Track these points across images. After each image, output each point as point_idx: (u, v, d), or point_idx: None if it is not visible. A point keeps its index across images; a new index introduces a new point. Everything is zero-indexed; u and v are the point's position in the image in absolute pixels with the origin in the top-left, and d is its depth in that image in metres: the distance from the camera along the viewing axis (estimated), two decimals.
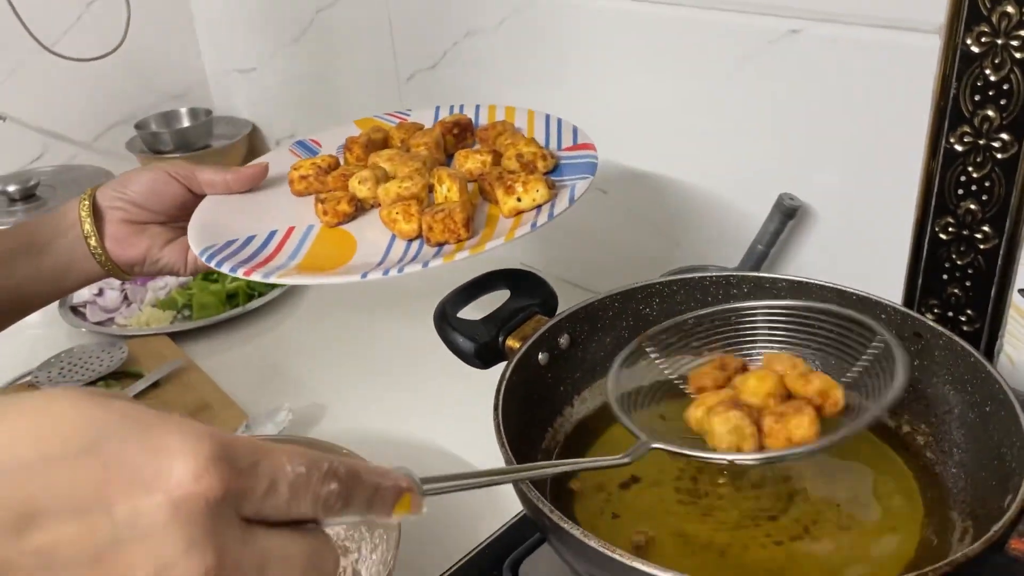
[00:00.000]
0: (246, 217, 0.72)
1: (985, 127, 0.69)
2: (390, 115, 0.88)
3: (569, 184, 0.68)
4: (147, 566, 0.28)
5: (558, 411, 0.65)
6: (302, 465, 0.31)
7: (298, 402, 0.90)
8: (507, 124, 0.81)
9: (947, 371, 0.59)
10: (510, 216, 0.66)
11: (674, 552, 0.54)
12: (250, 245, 0.68)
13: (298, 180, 0.75)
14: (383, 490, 0.35)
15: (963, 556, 0.43)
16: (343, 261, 0.65)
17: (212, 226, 0.71)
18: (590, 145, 0.74)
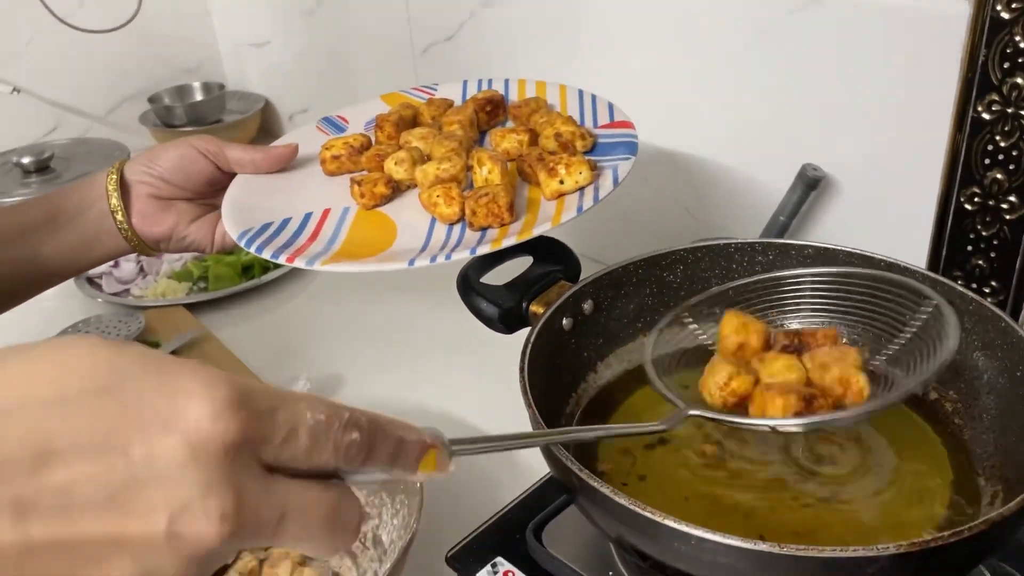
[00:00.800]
0: (280, 198, 0.71)
1: (1014, 95, 0.68)
2: (417, 90, 0.86)
3: (610, 165, 0.67)
4: (164, 507, 0.27)
5: (582, 377, 0.65)
6: (322, 413, 0.31)
7: (315, 372, 0.90)
8: (540, 101, 0.78)
9: (977, 337, 0.58)
10: (552, 199, 0.65)
11: (700, 512, 0.54)
12: (286, 229, 0.66)
13: (330, 160, 0.74)
14: (408, 444, 0.34)
15: (998, 515, 0.43)
16: (384, 246, 0.63)
17: (246, 208, 0.69)
18: (628, 123, 0.72)
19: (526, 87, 0.82)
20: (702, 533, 0.43)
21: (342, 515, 0.32)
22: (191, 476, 0.28)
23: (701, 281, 0.68)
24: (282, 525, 0.30)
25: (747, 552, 0.43)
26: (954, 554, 0.44)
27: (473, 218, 0.63)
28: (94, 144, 1.37)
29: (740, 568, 0.44)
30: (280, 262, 0.62)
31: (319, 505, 0.31)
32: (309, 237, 0.65)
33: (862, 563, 0.42)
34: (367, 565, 0.67)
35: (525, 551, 0.60)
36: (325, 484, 0.32)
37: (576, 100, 0.78)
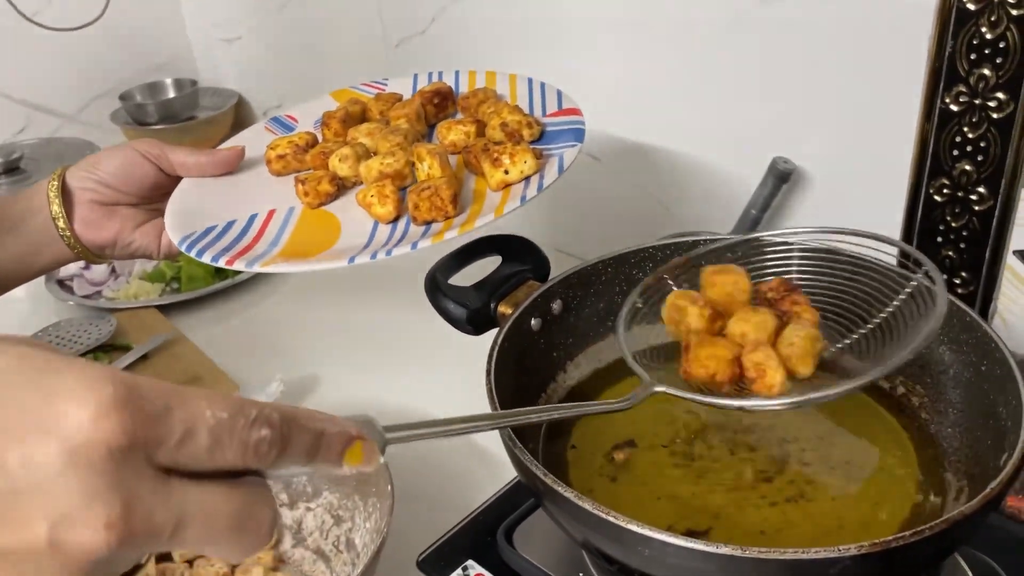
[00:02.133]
0: (225, 201, 0.69)
1: (981, 86, 0.68)
2: (367, 85, 0.85)
3: (556, 153, 0.66)
4: (43, 518, 0.26)
5: (551, 377, 0.65)
6: (224, 411, 0.29)
7: (290, 373, 0.90)
8: (489, 91, 0.77)
9: (943, 331, 0.58)
10: (498, 189, 0.64)
11: (670, 513, 0.54)
12: (230, 231, 0.65)
13: (275, 160, 0.72)
14: (329, 437, 0.33)
15: (959, 514, 0.43)
16: (328, 244, 0.63)
17: (190, 212, 0.68)
18: (576, 110, 0.71)
19: (476, 78, 0.81)
20: (665, 537, 0.43)
21: (251, 517, 0.30)
22: (72, 484, 0.26)
23: None
24: (180, 530, 0.28)
25: (710, 555, 0.43)
26: (918, 552, 0.44)
27: (416, 212, 0.62)
28: (65, 143, 1.35)
29: (703, 571, 0.44)
30: (220, 265, 0.61)
31: (223, 508, 0.30)
32: (253, 238, 0.64)
33: (825, 564, 0.42)
34: (340, 569, 0.66)
35: (496, 554, 0.60)
36: (232, 484, 0.30)
37: (526, 89, 0.77)
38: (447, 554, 0.60)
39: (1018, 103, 0.67)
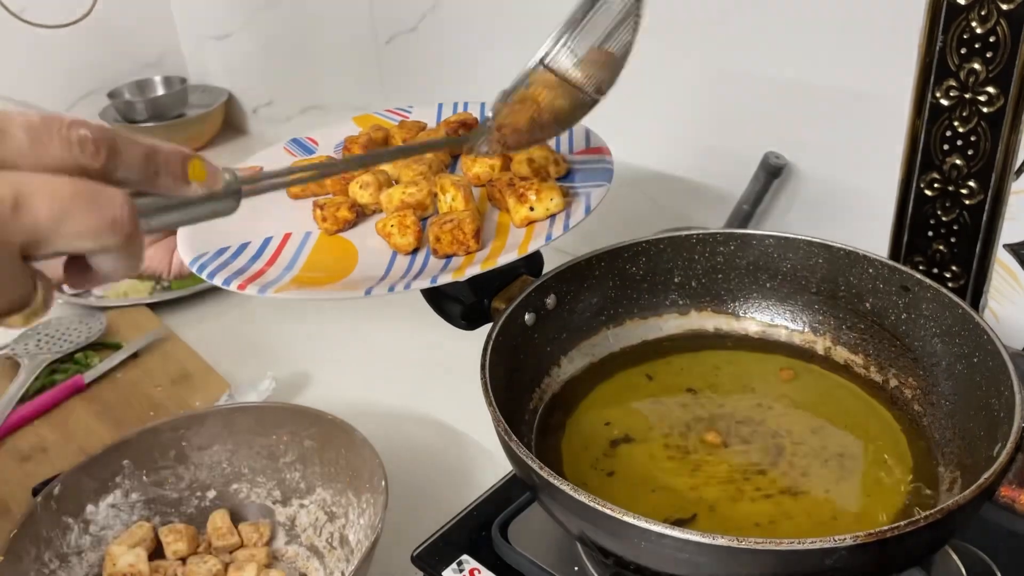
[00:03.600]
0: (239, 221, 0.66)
1: (971, 80, 0.68)
2: (391, 112, 0.83)
3: (584, 192, 0.64)
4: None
5: (545, 371, 0.65)
6: (37, 117, 0.33)
7: (281, 371, 0.89)
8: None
9: (935, 323, 0.59)
10: (521, 226, 0.62)
11: (665, 506, 0.54)
12: (244, 253, 0.63)
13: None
14: (165, 154, 0.36)
15: (954, 503, 0.43)
16: (344, 272, 0.61)
17: (203, 231, 0.65)
18: (604, 149, 0.70)
19: None
20: (661, 529, 0.43)
21: (100, 194, 0.34)
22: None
23: (663, 272, 0.68)
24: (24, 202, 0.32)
25: (706, 547, 0.43)
26: (911, 543, 0.44)
27: (437, 244, 0.60)
28: None
29: (700, 562, 0.44)
30: (231, 289, 0.59)
31: (67, 187, 0.33)
32: (267, 262, 0.63)
33: (820, 555, 0.42)
34: (335, 565, 0.66)
35: (491, 549, 0.60)
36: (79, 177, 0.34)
37: None
38: (442, 549, 0.60)
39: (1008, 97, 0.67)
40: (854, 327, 0.64)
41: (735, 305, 0.68)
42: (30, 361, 0.91)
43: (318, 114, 1.38)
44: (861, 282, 0.63)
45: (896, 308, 0.61)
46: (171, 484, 0.70)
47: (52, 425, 0.84)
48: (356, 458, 0.66)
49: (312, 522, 0.69)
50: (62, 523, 0.65)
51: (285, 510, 0.70)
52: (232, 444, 0.71)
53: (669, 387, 0.64)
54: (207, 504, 0.70)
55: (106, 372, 0.90)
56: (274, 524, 0.70)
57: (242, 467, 0.71)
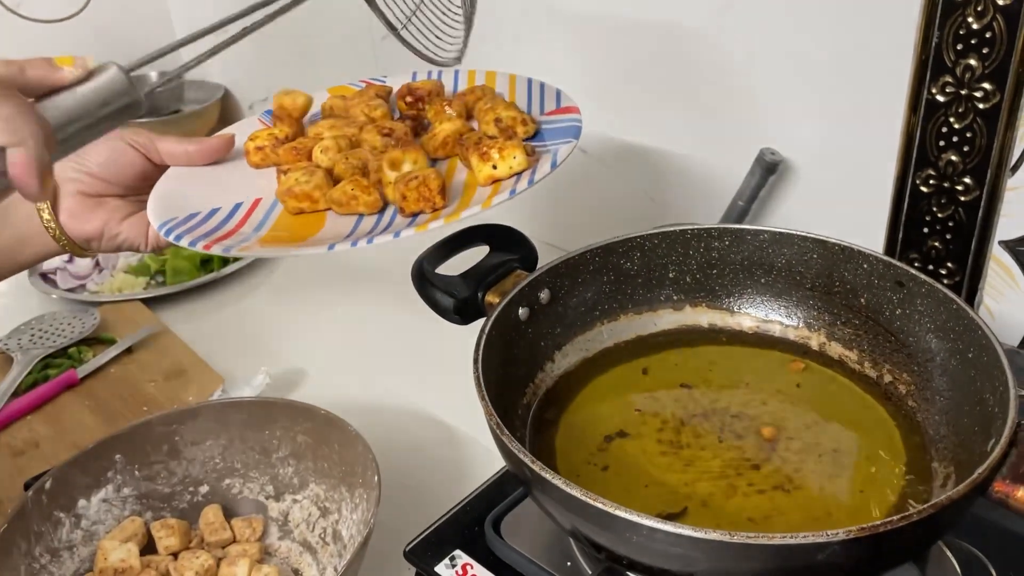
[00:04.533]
0: (210, 189, 0.68)
1: (967, 77, 0.68)
2: (364, 82, 0.84)
3: (552, 148, 0.65)
4: None
5: (539, 366, 0.65)
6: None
7: (275, 366, 0.89)
8: (487, 89, 0.76)
9: (929, 319, 0.59)
10: (487, 184, 0.63)
11: (658, 501, 0.53)
12: (213, 218, 0.64)
13: (254, 151, 0.71)
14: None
15: (947, 498, 0.43)
16: (312, 232, 0.61)
17: (174, 198, 0.66)
18: (574, 108, 0.70)
19: (476, 77, 0.80)
20: (653, 523, 0.43)
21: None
22: None
23: (658, 268, 0.68)
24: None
25: (698, 541, 0.42)
26: (904, 537, 0.44)
27: (404, 203, 0.60)
28: None
29: (692, 557, 0.44)
30: (197, 250, 0.60)
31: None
32: (235, 226, 0.63)
33: (813, 549, 0.42)
34: (327, 561, 0.66)
35: (484, 544, 0.60)
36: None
37: (525, 88, 0.76)
38: (434, 544, 0.60)
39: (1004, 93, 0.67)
40: (849, 323, 0.64)
41: (730, 301, 0.68)
42: (23, 356, 0.91)
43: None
44: (856, 278, 0.63)
45: (891, 304, 0.61)
46: (163, 479, 0.70)
47: (45, 420, 0.84)
48: (349, 453, 0.66)
49: (305, 517, 0.69)
50: (53, 518, 0.65)
51: (278, 505, 0.70)
52: (225, 439, 0.70)
53: (663, 382, 0.64)
54: (199, 499, 0.70)
55: (99, 367, 0.90)
56: (267, 519, 0.70)
57: (235, 462, 0.71)
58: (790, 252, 0.65)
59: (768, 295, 0.67)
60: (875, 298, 0.62)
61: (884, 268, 0.61)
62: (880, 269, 0.61)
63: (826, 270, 0.64)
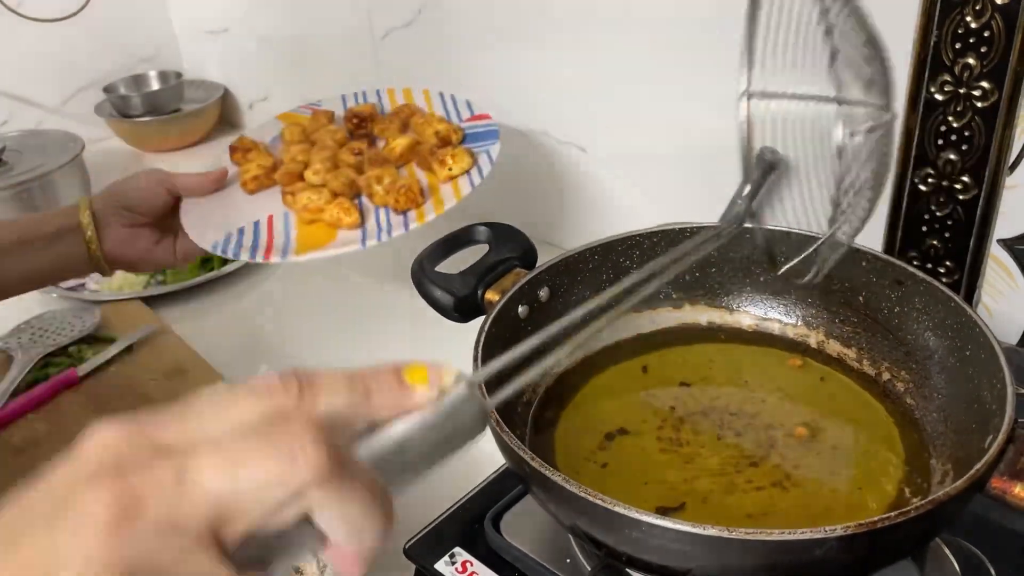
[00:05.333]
0: (229, 213, 0.83)
1: (965, 75, 0.68)
2: (304, 107, 1.01)
3: (482, 149, 0.83)
4: None
5: None
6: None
7: (275, 365, 0.89)
8: (413, 106, 0.95)
9: (928, 317, 0.59)
10: (446, 182, 0.81)
11: (658, 498, 0.54)
12: (245, 235, 0.79)
13: (250, 180, 0.86)
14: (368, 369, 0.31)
15: (945, 494, 0.43)
16: (332, 236, 0.77)
17: (206, 225, 0.81)
18: (486, 115, 0.89)
19: (395, 95, 1.00)
20: (651, 519, 0.43)
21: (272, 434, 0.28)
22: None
23: None
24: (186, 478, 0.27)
25: (696, 537, 0.43)
26: (902, 533, 0.44)
27: (396, 205, 0.77)
28: (48, 136, 1.34)
29: (691, 553, 0.44)
30: (258, 260, 0.75)
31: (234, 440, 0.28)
32: (268, 238, 0.78)
33: (810, 545, 0.42)
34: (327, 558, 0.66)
35: (484, 541, 0.60)
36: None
37: (439, 101, 0.95)
38: (434, 541, 0.60)
39: (1002, 92, 0.67)
40: (847, 321, 0.64)
41: (729, 299, 0.68)
42: (23, 355, 0.91)
43: None
44: (855, 276, 0.63)
45: (889, 302, 0.61)
46: None
47: (45, 418, 0.84)
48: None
49: None
50: None
51: None
52: None
53: (662, 380, 0.64)
54: None
55: (100, 366, 0.90)
56: None
57: None
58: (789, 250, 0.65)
59: (767, 293, 0.67)
60: (874, 296, 0.62)
61: (882, 266, 0.61)
62: (878, 267, 0.62)
63: None
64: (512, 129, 1.06)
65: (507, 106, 1.06)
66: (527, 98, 1.03)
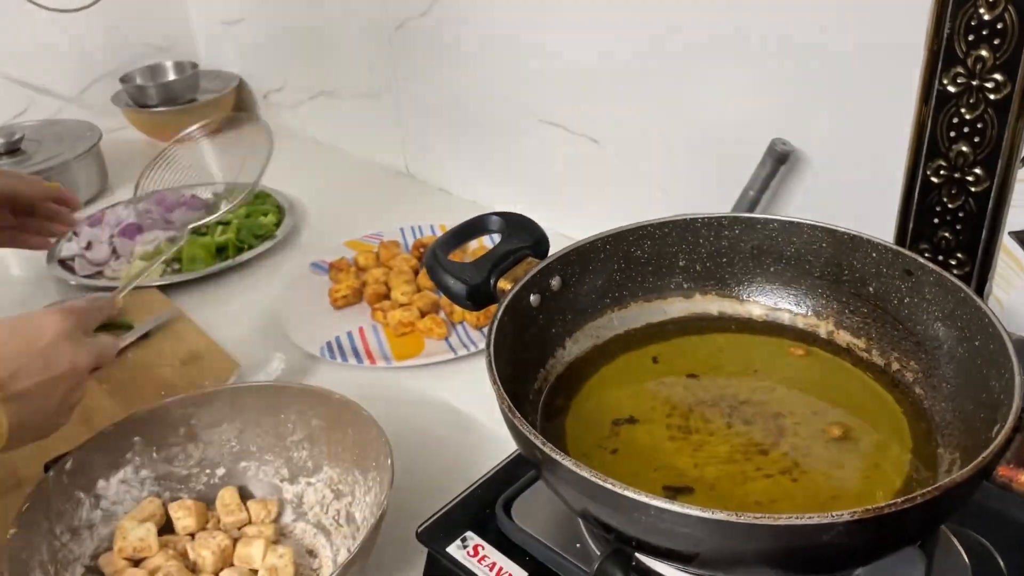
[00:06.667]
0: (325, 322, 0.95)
1: (978, 67, 0.68)
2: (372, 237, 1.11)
3: None
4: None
5: (550, 353, 0.65)
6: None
7: (290, 353, 0.90)
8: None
9: (938, 307, 0.59)
10: None
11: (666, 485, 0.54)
12: (344, 342, 0.91)
13: (340, 299, 0.98)
14: None
15: (951, 481, 0.44)
16: (421, 346, 0.90)
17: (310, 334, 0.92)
18: None
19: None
20: (660, 503, 0.43)
21: None
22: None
23: (668, 256, 0.69)
24: None
25: (705, 521, 0.43)
26: (909, 520, 0.44)
27: (477, 323, 0.92)
28: (66, 125, 1.35)
29: (699, 537, 0.45)
30: (364, 365, 0.87)
31: None
32: (364, 345, 0.91)
33: (818, 530, 0.43)
34: (341, 542, 0.67)
35: (495, 525, 0.61)
36: None
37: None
38: (446, 525, 0.61)
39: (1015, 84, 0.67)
40: (857, 311, 0.65)
41: (739, 289, 0.69)
42: None
43: (328, 100, 1.38)
44: (865, 266, 0.63)
45: (899, 292, 0.62)
46: (180, 461, 0.71)
47: None
48: (362, 437, 0.67)
49: (319, 500, 0.70)
50: (74, 497, 0.66)
51: (292, 488, 0.71)
52: (240, 423, 0.72)
53: (673, 369, 0.65)
54: (216, 481, 0.71)
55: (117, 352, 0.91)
56: (281, 501, 0.71)
57: (250, 445, 0.72)
58: (799, 241, 0.66)
59: (777, 283, 0.68)
60: (883, 287, 0.63)
61: (893, 257, 0.62)
62: (889, 258, 0.62)
63: (835, 259, 0.65)
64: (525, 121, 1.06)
65: (521, 98, 1.06)
66: (540, 90, 1.03)
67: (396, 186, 1.29)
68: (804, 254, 0.66)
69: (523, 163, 1.11)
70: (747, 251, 0.68)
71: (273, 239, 1.11)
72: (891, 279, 0.62)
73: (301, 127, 1.46)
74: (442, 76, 1.16)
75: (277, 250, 1.12)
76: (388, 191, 1.28)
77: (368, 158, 1.35)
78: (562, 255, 0.65)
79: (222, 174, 1.21)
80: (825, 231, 0.65)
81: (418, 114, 1.24)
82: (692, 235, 0.68)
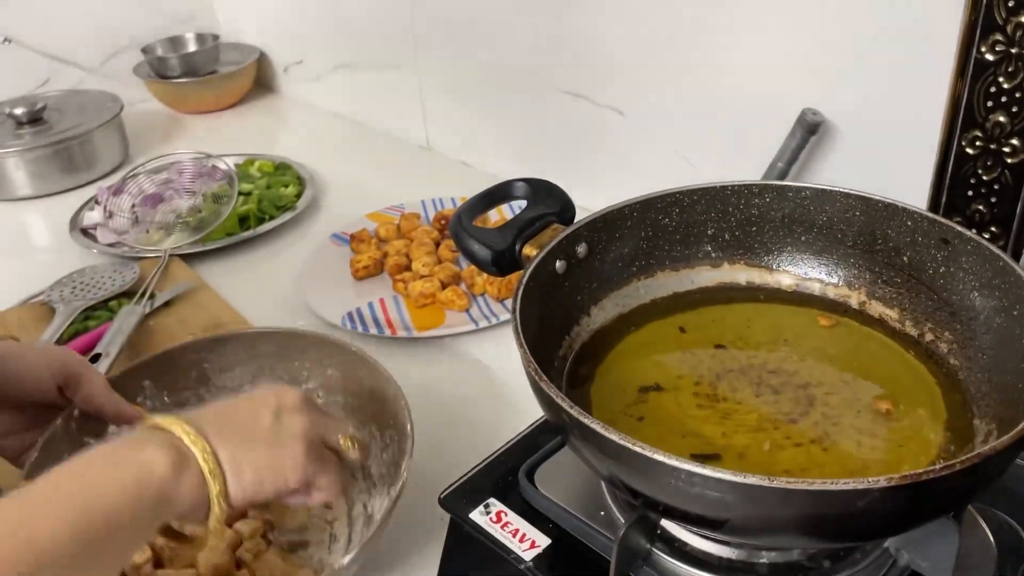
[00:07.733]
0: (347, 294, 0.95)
1: (1018, 35, 0.66)
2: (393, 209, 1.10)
3: None
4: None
5: (575, 320, 0.65)
6: None
7: (312, 321, 0.90)
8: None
9: (974, 277, 0.58)
10: None
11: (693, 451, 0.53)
12: (365, 312, 0.91)
13: (361, 269, 0.97)
14: None
15: (991, 448, 0.43)
16: (442, 317, 0.90)
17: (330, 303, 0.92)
18: None
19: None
20: (691, 467, 0.43)
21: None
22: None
23: (697, 224, 0.67)
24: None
25: (737, 485, 0.42)
26: (946, 488, 0.43)
27: (499, 294, 0.91)
28: (87, 96, 1.35)
29: (730, 502, 0.44)
30: (386, 335, 0.87)
31: None
32: (385, 316, 0.90)
33: (853, 496, 0.42)
34: (356, 496, 0.66)
35: (518, 492, 0.60)
36: None
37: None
38: (469, 492, 0.61)
39: None
40: (890, 281, 0.63)
41: (769, 258, 0.68)
42: (65, 307, 0.93)
43: (348, 73, 1.37)
44: (899, 235, 0.62)
45: (935, 261, 0.60)
46: (192, 405, 0.70)
47: None
48: (380, 393, 0.66)
49: None
50: (84, 444, 0.65)
51: None
52: (254, 367, 0.70)
53: (700, 339, 0.64)
54: None
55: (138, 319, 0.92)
56: None
57: None
58: (832, 209, 0.65)
59: (808, 253, 0.67)
60: (918, 256, 0.61)
61: (928, 225, 0.60)
62: (924, 226, 0.61)
63: (868, 227, 0.63)
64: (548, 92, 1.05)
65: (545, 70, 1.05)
66: (566, 61, 1.02)
67: (417, 159, 1.28)
68: (836, 223, 0.65)
69: (545, 135, 1.09)
70: (777, 220, 0.66)
71: (294, 210, 1.11)
72: (926, 248, 0.61)
73: (321, 100, 1.45)
74: (463, 47, 1.14)
75: (298, 221, 1.11)
76: (409, 164, 1.27)
77: (388, 130, 1.35)
78: (589, 221, 0.64)
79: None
80: (859, 199, 0.63)
81: (439, 86, 1.23)
82: (722, 203, 0.67)
